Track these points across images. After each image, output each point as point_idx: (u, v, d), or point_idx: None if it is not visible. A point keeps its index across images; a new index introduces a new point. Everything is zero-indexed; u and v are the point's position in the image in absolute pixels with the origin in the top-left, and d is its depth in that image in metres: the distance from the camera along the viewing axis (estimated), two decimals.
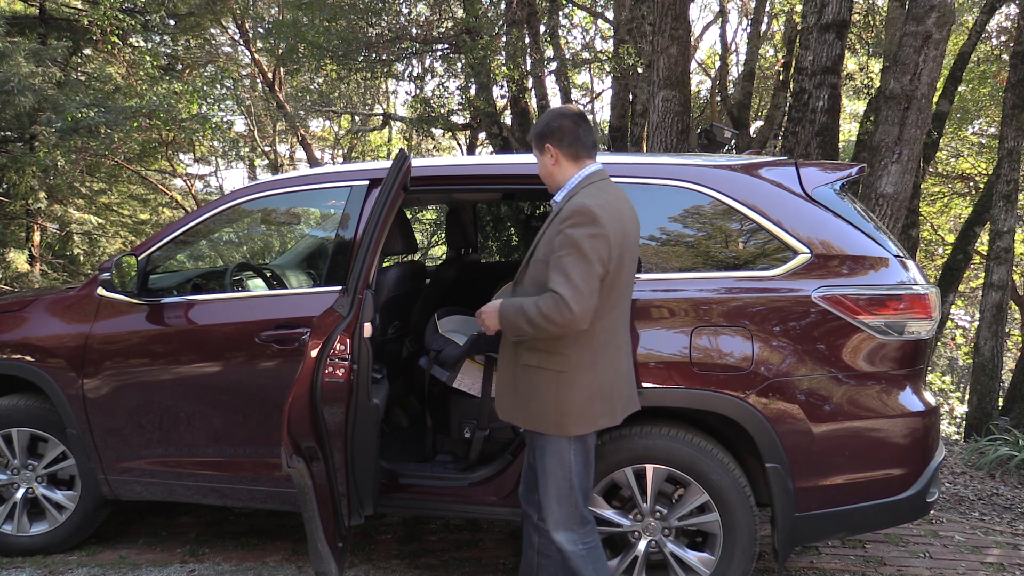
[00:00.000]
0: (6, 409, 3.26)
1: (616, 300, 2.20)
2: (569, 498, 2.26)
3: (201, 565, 3.22)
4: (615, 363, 2.24)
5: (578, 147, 2.27)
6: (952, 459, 5.19)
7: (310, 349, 2.45)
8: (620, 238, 2.13)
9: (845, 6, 5.91)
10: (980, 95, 12.27)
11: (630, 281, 2.28)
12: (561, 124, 2.26)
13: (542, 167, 2.35)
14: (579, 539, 2.29)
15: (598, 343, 2.17)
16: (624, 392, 2.29)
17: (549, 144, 2.28)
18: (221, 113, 11.00)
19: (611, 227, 2.09)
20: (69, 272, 10.85)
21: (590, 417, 2.20)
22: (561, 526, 2.28)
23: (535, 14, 9.53)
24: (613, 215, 2.13)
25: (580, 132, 2.27)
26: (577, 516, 2.28)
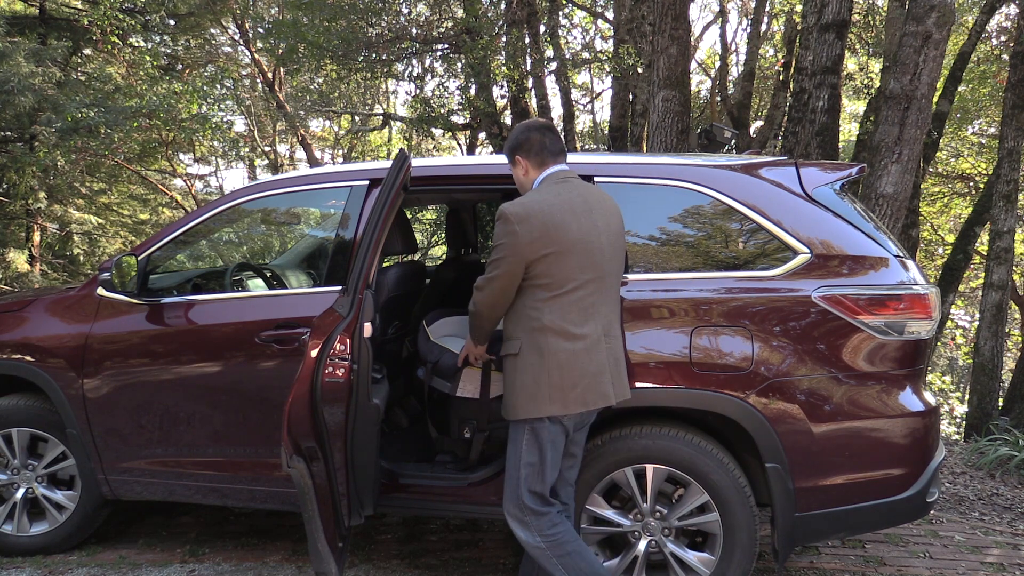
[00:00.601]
0: (6, 409, 3.26)
1: (566, 290, 2.27)
2: (516, 487, 2.34)
3: (201, 565, 3.22)
4: (570, 351, 2.27)
5: (544, 155, 2.45)
6: (952, 459, 5.19)
7: (310, 349, 2.46)
8: (542, 232, 2.24)
9: (845, 6, 5.91)
10: (980, 95, 12.27)
11: (591, 272, 2.30)
12: (528, 136, 2.46)
13: (515, 177, 2.55)
14: (536, 531, 2.32)
15: (544, 328, 2.27)
16: (584, 381, 2.28)
17: (519, 156, 2.48)
18: (221, 113, 11.00)
19: (525, 223, 2.24)
20: (69, 272, 10.85)
21: (538, 402, 2.27)
22: (510, 515, 2.37)
23: (535, 14, 9.53)
24: (533, 213, 2.26)
25: (546, 141, 2.45)
26: (524, 508, 2.33)
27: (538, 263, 2.25)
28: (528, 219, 2.25)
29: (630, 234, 2.74)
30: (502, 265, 2.28)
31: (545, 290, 2.28)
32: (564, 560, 2.31)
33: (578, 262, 2.28)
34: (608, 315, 2.38)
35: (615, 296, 2.44)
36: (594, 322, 2.32)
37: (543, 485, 2.34)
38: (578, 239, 2.28)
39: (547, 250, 2.24)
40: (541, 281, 2.27)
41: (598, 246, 2.32)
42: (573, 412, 2.29)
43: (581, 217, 2.31)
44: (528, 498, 2.33)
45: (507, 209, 2.27)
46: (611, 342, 2.36)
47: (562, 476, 2.49)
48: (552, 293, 2.27)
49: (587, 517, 2.69)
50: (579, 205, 2.33)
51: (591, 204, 2.37)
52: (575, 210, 2.31)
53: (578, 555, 2.33)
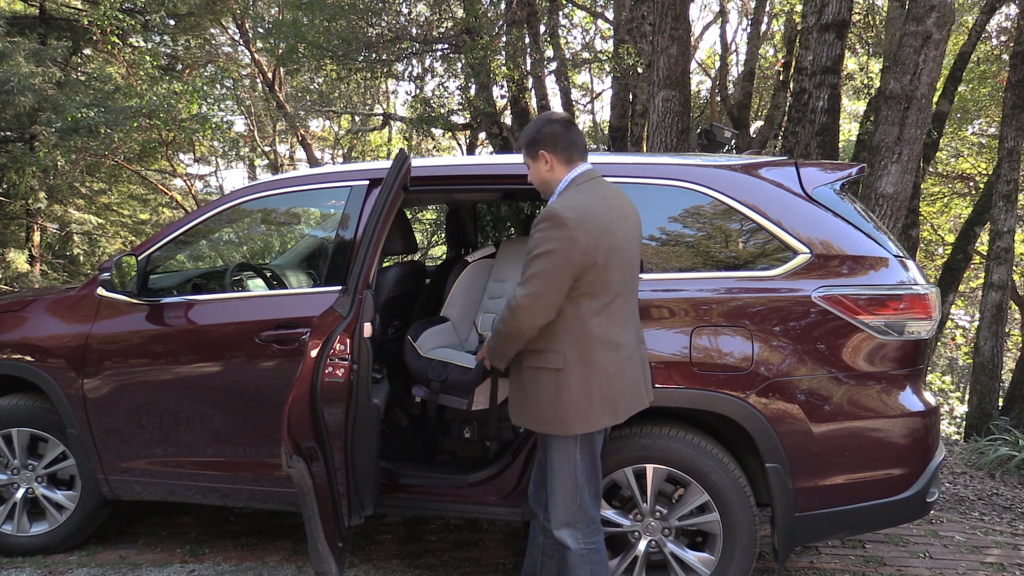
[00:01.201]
0: (6, 409, 3.26)
1: (610, 298, 2.20)
2: (574, 496, 2.26)
3: (201, 565, 3.22)
4: (614, 360, 2.22)
5: (572, 151, 2.30)
6: (952, 459, 5.19)
7: (310, 349, 2.45)
8: (597, 238, 2.13)
9: (845, 6, 5.91)
10: (980, 95, 12.26)
11: (627, 279, 2.27)
12: (554, 130, 2.30)
13: (535, 174, 2.37)
14: (582, 538, 2.28)
15: (592, 340, 2.17)
16: (628, 390, 2.27)
17: (543, 151, 2.30)
18: (221, 113, 11.00)
19: (582, 229, 2.11)
20: (69, 272, 10.85)
21: (591, 415, 2.20)
22: (564, 524, 2.28)
23: (535, 14, 9.53)
24: (587, 216, 2.14)
25: (572, 135, 2.31)
26: (582, 515, 2.27)
27: (588, 272, 2.13)
28: (585, 224, 2.11)
29: None
30: (557, 275, 2.10)
31: (592, 299, 2.17)
32: (595, 566, 2.30)
33: (620, 269, 2.22)
34: (636, 319, 2.37)
35: (637, 299, 2.42)
36: (630, 329, 2.30)
37: (598, 488, 2.33)
38: (622, 246, 2.22)
39: (599, 258, 2.13)
40: (589, 290, 2.15)
41: (629, 253, 2.27)
42: (622, 420, 2.27)
43: (621, 222, 2.24)
44: (590, 507, 2.29)
45: (561, 212, 2.11)
46: (641, 347, 2.37)
47: None
48: (599, 302, 2.18)
49: None
50: (618, 209, 2.26)
51: (624, 208, 2.30)
52: (616, 215, 2.23)
53: (604, 565, 2.33)
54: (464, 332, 3.57)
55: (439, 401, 3.13)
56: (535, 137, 2.32)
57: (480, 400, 3.08)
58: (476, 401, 3.06)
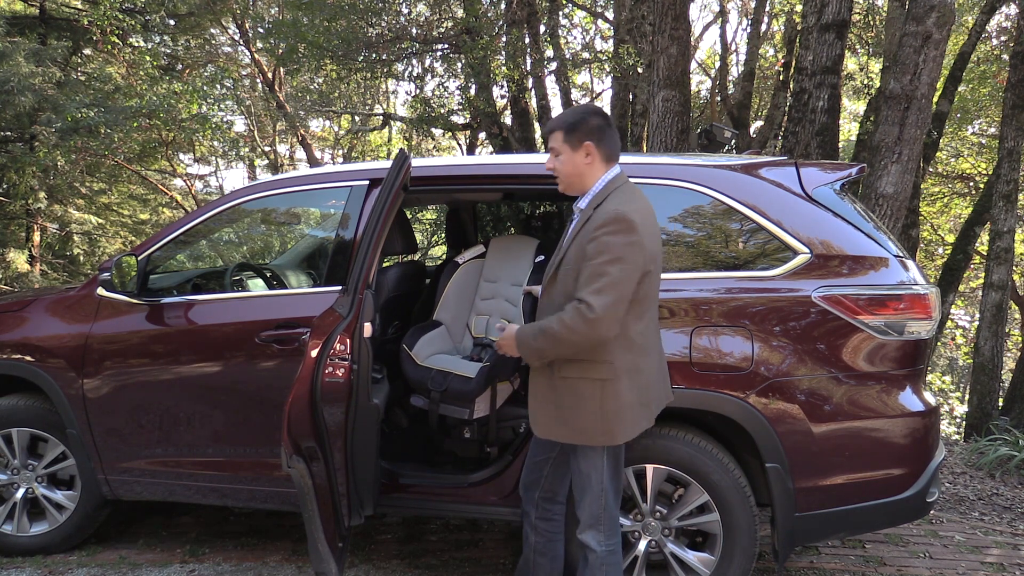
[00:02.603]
0: (6, 409, 3.26)
1: (649, 304, 2.20)
2: (600, 500, 2.26)
3: (201, 565, 3.22)
4: (651, 366, 2.24)
5: (614, 150, 2.24)
6: (952, 459, 5.19)
7: (310, 349, 2.45)
8: (654, 244, 2.13)
9: (845, 6, 5.91)
10: (980, 95, 12.26)
11: (659, 284, 2.27)
12: (600, 123, 2.20)
13: (571, 164, 2.22)
14: (604, 540, 2.28)
15: (637, 348, 2.16)
16: (660, 394, 2.31)
17: (590, 143, 2.19)
18: (221, 113, 11.00)
19: (646, 235, 2.09)
20: (69, 272, 10.85)
21: (634, 423, 2.19)
22: (589, 527, 2.28)
23: (535, 14, 9.53)
24: (648, 221, 2.13)
25: (615, 135, 2.25)
26: (606, 517, 2.27)
27: (645, 278, 2.09)
28: (647, 229, 2.09)
29: None
30: (629, 283, 2.03)
31: (638, 306, 2.11)
32: (611, 568, 2.30)
33: (658, 276, 2.21)
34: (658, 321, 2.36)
35: None
36: (657, 333, 2.31)
37: (620, 494, 2.34)
38: (660, 249, 2.22)
39: (652, 265, 2.12)
40: (638, 296, 2.09)
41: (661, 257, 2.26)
42: (653, 423, 2.28)
43: (656, 229, 2.22)
44: (612, 507, 2.28)
45: (630, 215, 2.05)
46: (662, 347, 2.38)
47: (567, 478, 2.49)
48: (642, 309, 2.15)
49: None
50: (655, 217, 2.23)
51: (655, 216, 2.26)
52: (654, 218, 2.21)
53: (619, 567, 2.33)
54: (458, 336, 3.55)
55: (440, 411, 3.11)
56: (580, 125, 2.18)
57: (481, 408, 3.07)
58: (477, 410, 3.06)
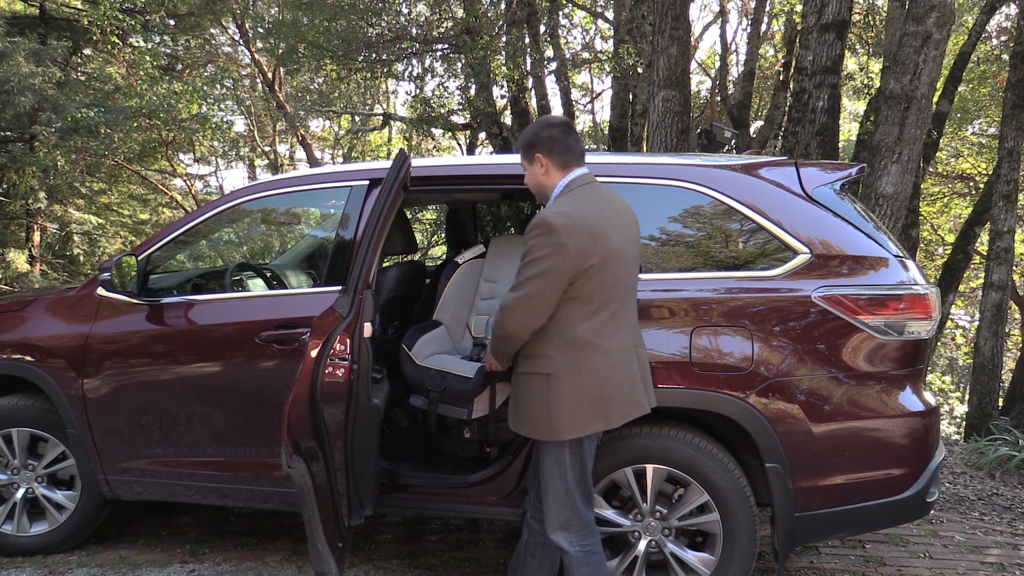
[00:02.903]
0: (6, 409, 3.26)
1: (602, 303, 2.20)
2: (566, 500, 2.26)
3: (201, 565, 3.22)
4: (608, 366, 2.22)
5: (568, 156, 2.30)
6: (952, 459, 5.19)
7: (310, 349, 2.45)
8: (589, 244, 2.13)
9: (845, 6, 5.92)
10: (980, 95, 12.27)
11: (622, 283, 2.26)
12: (551, 134, 2.29)
13: (531, 177, 2.38)
14: (577, 540, 2.28)
15: (583, 345, 2.18)
16: (622, 395, 2.25)
17: (539, 154, 2.30)
18: (221, 113, 11.00)
19: (572, 235, 2.11)
20: (69, 272, 10.85)
21: (580, 420, 2.20)
22: (559, 528, 2.29)
23: (535, 14, 9.53)
24: (578, 222, 2.14)
25: (569, 141, 2.30)
26: (575, 518, 2.28)
27: (580, 276, 2.13)
28: (576, 230, 2.12)
29: None
30: (545, 280, 2.12)
31: (583, 304, 2.17)
32: (591, 568, 2.30)
33: (614, 274, 2.21)
34: (634, 324, 2.36)
35: (635, 304, 2.41)
36: (625, 333, 2.29)
37: (588, 490, 2.32)
38: (616, 250, 2.20)
39: (592, 262, 2.13)
40: (579, 294, 2.16)
41: (627, 258, 2.27)
42: (615, 426, 2.26)
43: (616, 226, 2.24)
44: (583, 509, 2.29)
45: (552, 219, 2.13)
46: (639, 351, 2.36)
47: None
48: (590, 307, 2.18)
49: None
50: (612, 213, 2.26)
51: (620, 212, 2.30)
52: (611, 219, 2.23)
53: (602, 564, 2.34)
54: (458, 336, 3.55)
55: (438, 411, 3.11)
56: (532, 140, 2.32)
57: (479, 408, 3.07)
58: (476, 410, 3.05)
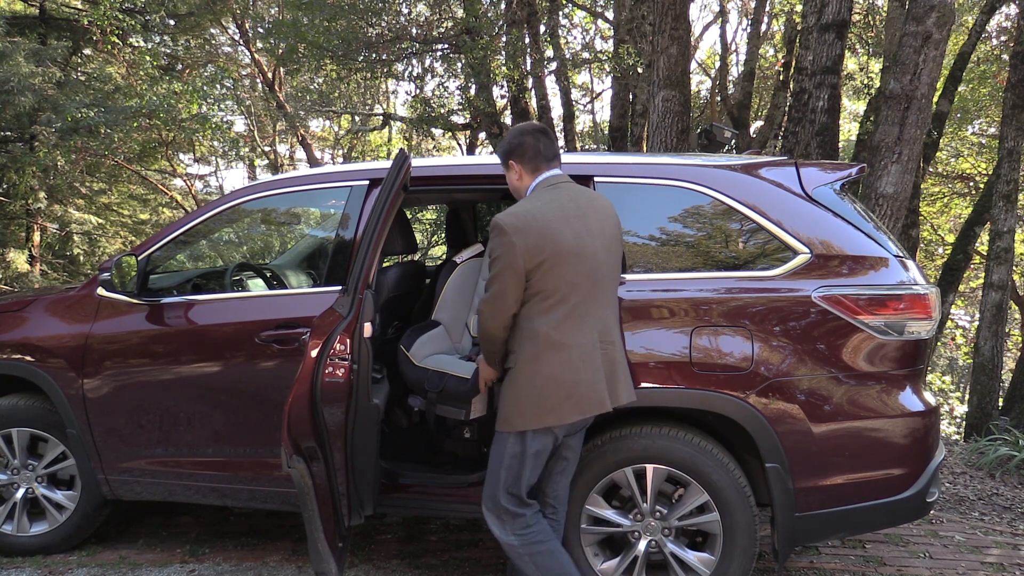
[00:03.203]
0: (6, 409, 3.26)
1: (560, 298, 2.25)
2: (496, 488, 2.35)
3: (201, 565, 3.22)
4: (567, 361, 2.25)
5: (538, 160, 2.42)
6: (952, 459, 5.19)
7: (310, 349, 2.45)
8: (538, 241, 2.21)
9: (845, 6, 5.91)
10: (980, 95, 12.27)
11: (583, 278, 2.28)
12: (522, 141, 2.42)
13: (509, 182, 2.51)
14: (509, 530, 2.35)
15: (540, 339, 2.25)
16: (579, 391, 2.27)
17: (512, 161, 2.45)
18: (221, 113, 11.00)
19: (519, 234, 2.21)
20: (69, 272, 10.85)
21: (533, 413, 2.25)
22: (489, 510, 2.38)
23: (535, 14, 9.52)
24: (527, 221, 2.23)
25: (540, 146, 2.41)
26: (502, 510, 2.35)
27: (534, 272, 2.22)
28: (524, 229, 2.22)
29: (630, 234, 2.73)
30: (504, 279, 2.23)
31: (540, 300, 2.25)
32: (536, 558, 2.34)
33: (571, 269, 2.25)
34: (604, 320, 2.35)
35: (611, 300, 2.41)
36: (588, 329, 2.30)
37: (519, 489, 2.35)
38: (572, 246, 2.25)
39: (542, 258, 2.21)
40: (537, 290, 2.24)
41: (591, 251, 2.30)
42: (568, 422, 2.28)
43: (574, 223, 2.29)
44: (504, 499, 2.35)
45: (501, 220, 2.24)
46: (607, 347, 2.34)
47: (552, 479, 2.49)
48: (547, 303, 2.25)
49: (587, 517, 2.68)
50: (572, 210, 2.31)
51: (584, 208, 2.34)
52: (567, 216, 2.29)
53: (550, 554, 2.35)
54: (457, 335, 3.54)
55: (436, 412, 3.10)
56: (506, 148, 2.46)
57: (477, 408, 3.07)
58: (474, 410, 3.05)
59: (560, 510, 2.54)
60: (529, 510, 2.37)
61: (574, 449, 2.50)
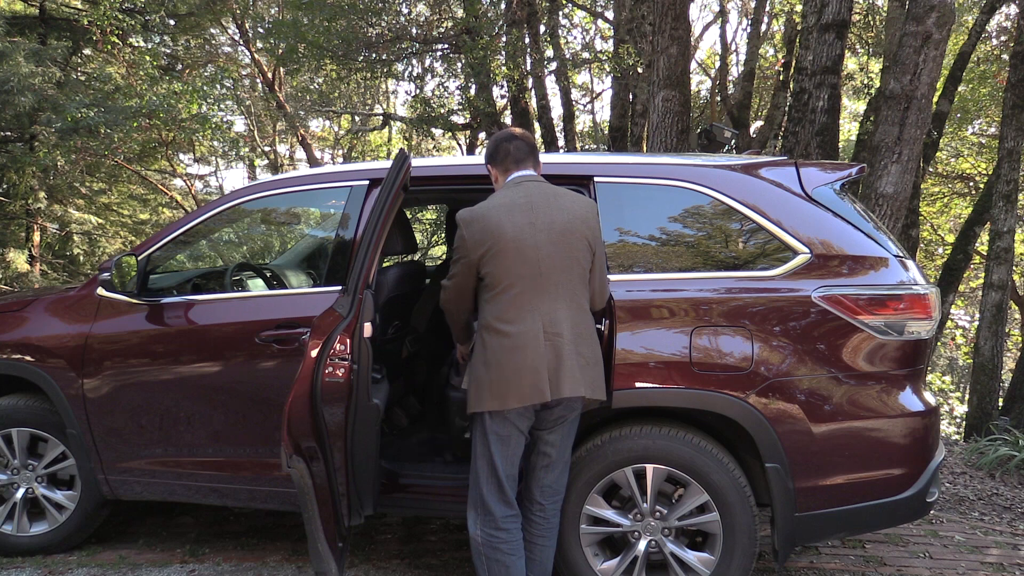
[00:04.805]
0: (6, 409, 3.26)
1: (503, 288, 2.35)
2: (475, 482, 2.45)
3: (201, 565, 3.22)
4: (504, 347, 2.32)
5: (508, 162, 2.54)
6: (952, 459, 5.19)
7: (310, 349, 2.45)
8: (481, 233, 2.36)
9: (845, 6, 5.92)
10: (980, 95, 12.26)
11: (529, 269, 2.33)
12: (497, 146, 2.56)
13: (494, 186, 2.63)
14: (480, 525, 2.42)
15: (486, 327, 2.39)
16: (521, 380, 2.30)
17: (490, 166, 2.61)
18: (221, 113, 10.99)
19: (469, 227, 2.39)
20: (69, 272, 10.85)
21: (481, 396, 2.36)
22: (470, 506, 2.48)
23: (535, 14, 9.52)
24: (476, 216, 2.39)
25: (511, 148, 2.53)
26: (479, 503, 2.43)
27: (481, 262, 2.37)
28: (472, 222, 2.39)
29: (630, 234, 2.74)
30: (457, 266, 2.44)
31: (487, 289, 2.39)
32: (491, 564, 2.40)
33: (512, 260, 2.34)
34: (550, 312, 2.34)
35: (562, 294, 2.36)
36: (530, 319, 2.32)
37: (498, 480, 2.40)
38: (512, 238, 2.34)
39: (484, 249, 2.35)
40: (484, 280, 2.39)
41: (533, 244, 2.34)
42: (511, 407, 2.32)
43: (517, 216, 2.37)
44: (486, 489, 2.41)
45: (459, 214, 2.43)
46: (553, 339, 2.32)
47: (536, 476, 2.49)
48: (492, 292, 2.38)
49: (587, 517, 2.68)
50: (520, 205, 2.39)
51: (534, 203, 2.39)
52: (512, 210, 2.39)
53: (502, 564, 2.38)
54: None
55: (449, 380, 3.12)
56: (486, 155, 2.62)
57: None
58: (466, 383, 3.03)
59: (549, 508, 2.52)
60: (504, 511, 2.40)
61: (555, 445, 2.48)
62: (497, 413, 2.35)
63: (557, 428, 2.46)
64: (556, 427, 2.46)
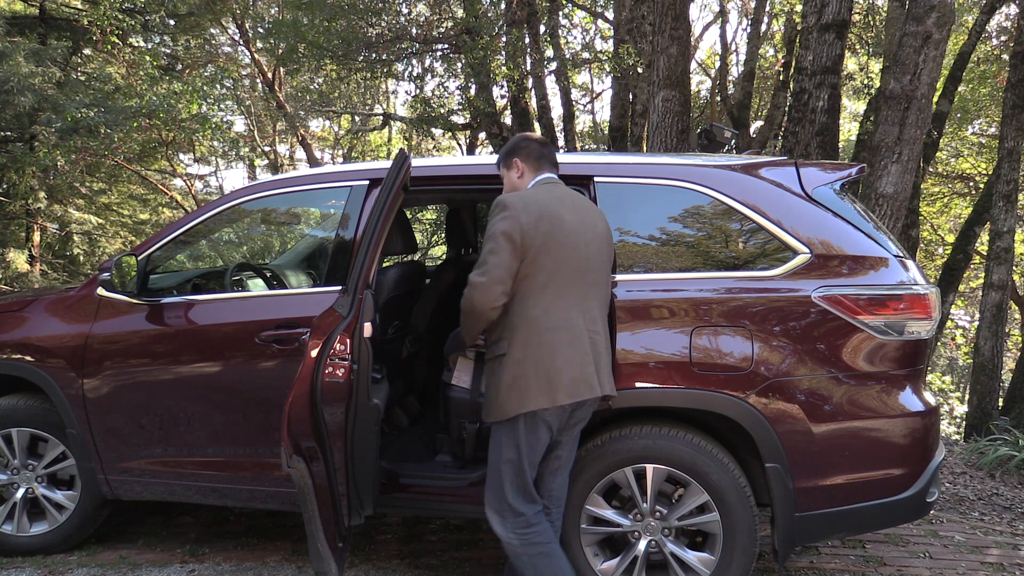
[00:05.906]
0: (6, 409, 3.26)
1: (552, 281, 2.29)
2: (499, 485, 2.35)
3: (201, 565, 3.22)
4: (553, 342, 2.27)
5: (542, 161, 2.53)
6: (952, 459, 5.19)
7: (310, 349, 2.45)
8: (537, 220, 2.28)
9: (845, 6, 5.92)
10: (980, 95, 12.26)
11: (574, 266, 2.32)
12: (529, 143, 2.55)
13: (507, 182, 2.58)
14: (511, 528, 2.34)
15: (531, 321, 2.28)
16: (570, 373, 2.28)
17: (517, 159, 2.53)
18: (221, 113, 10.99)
19: (523, 211, 2.29)
20: (69, 272, 10.85)
21: (526, 395, 2.26)
22: (492, 509, 2.38)
23: (535, 14, 9.52)
24: (530, 203, 2.32)
25: (544, 151, 2.54)
26: (506, 507, 2.34)
27: (530, 251, 2.26)
28: (527, 208, 2.30)
29: (630, 234, 2.74)
30: (500, 254, 2.25)
31: (532, 281, 2.29)
32: (534, 559, 2.34)
33: (567, 255, 2.31)
34: (592, 311, 2.38)
35: (598, 294, 2.42)
36: (577, 314, 2.33)
37: (525, 481, 2.35)
38: (570, 231, 2.33)
39: (541, 237, 2.27)
40: (530, 272, 2.28)
41: (584, 241, 2.36)
42: (560, 403, 2.27)
43: (572, 213, 2.37)
44: (511, 495, 2.34)
45: (507, 199, 2.33)
46: (594, 336, 2.36)
47: (544, 478, 2.48)
48: (538, 284, 2.29)
49: (587, 517, 2.68)
50: (569, 203, 2.40)
51: (579, 205, 2.44)
52: (566, 206, 2.38)
53: (548, 557, 2.35)
54: None
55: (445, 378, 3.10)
56: (512, 148, 2.56)
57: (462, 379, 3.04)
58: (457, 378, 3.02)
59: (555, 510, 2.53)
60: (532, 508, 2.37)
61: (568, 448, 2.49)
62: (531, 414, 2.28)
63: (572, 429, 2.46)
64: (574, 428, 2.46)
